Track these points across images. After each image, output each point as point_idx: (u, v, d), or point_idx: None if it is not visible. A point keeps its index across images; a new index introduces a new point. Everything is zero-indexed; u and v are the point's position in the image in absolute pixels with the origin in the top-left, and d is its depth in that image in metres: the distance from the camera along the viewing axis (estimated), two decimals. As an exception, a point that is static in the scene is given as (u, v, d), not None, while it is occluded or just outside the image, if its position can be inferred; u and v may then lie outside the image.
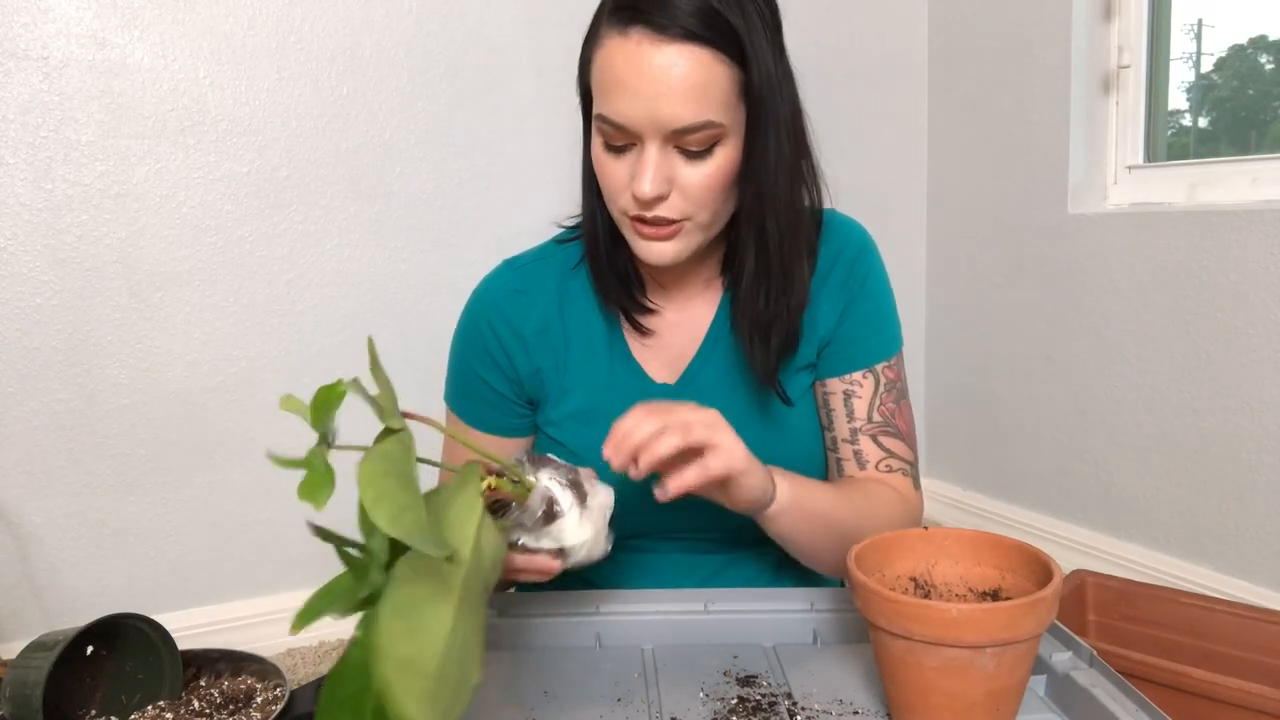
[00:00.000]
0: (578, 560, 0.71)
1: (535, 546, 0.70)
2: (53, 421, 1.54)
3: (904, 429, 0.94)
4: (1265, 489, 1.57)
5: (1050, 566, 0.64)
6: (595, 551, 0.71)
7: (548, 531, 0.69)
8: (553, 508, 0.69)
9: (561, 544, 0.69)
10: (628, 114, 0.76)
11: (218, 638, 1.57)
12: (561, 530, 0.69)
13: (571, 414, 0.94)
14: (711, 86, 0.76)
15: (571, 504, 0.70)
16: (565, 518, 0.69)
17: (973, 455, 2.20)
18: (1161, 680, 1.12)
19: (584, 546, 0.70)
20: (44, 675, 1.00)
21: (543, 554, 0.70)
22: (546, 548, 0.70)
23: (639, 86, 0.75)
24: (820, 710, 0.68)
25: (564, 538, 0.69)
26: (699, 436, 0.69)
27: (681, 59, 0.75)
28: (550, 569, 0.70)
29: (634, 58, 0.75)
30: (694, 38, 0.75)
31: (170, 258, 1.59)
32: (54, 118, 1.49)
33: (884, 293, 0.96)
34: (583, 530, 0.70)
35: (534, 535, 0.70)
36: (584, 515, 0.70)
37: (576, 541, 0.70)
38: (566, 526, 0.69)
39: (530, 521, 0.69)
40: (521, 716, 0.69)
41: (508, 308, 0.94)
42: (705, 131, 0.77)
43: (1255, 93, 1.80)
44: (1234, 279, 1.58)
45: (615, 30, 0.77)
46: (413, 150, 1.74)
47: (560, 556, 0.70)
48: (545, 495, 0.69)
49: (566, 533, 0.69)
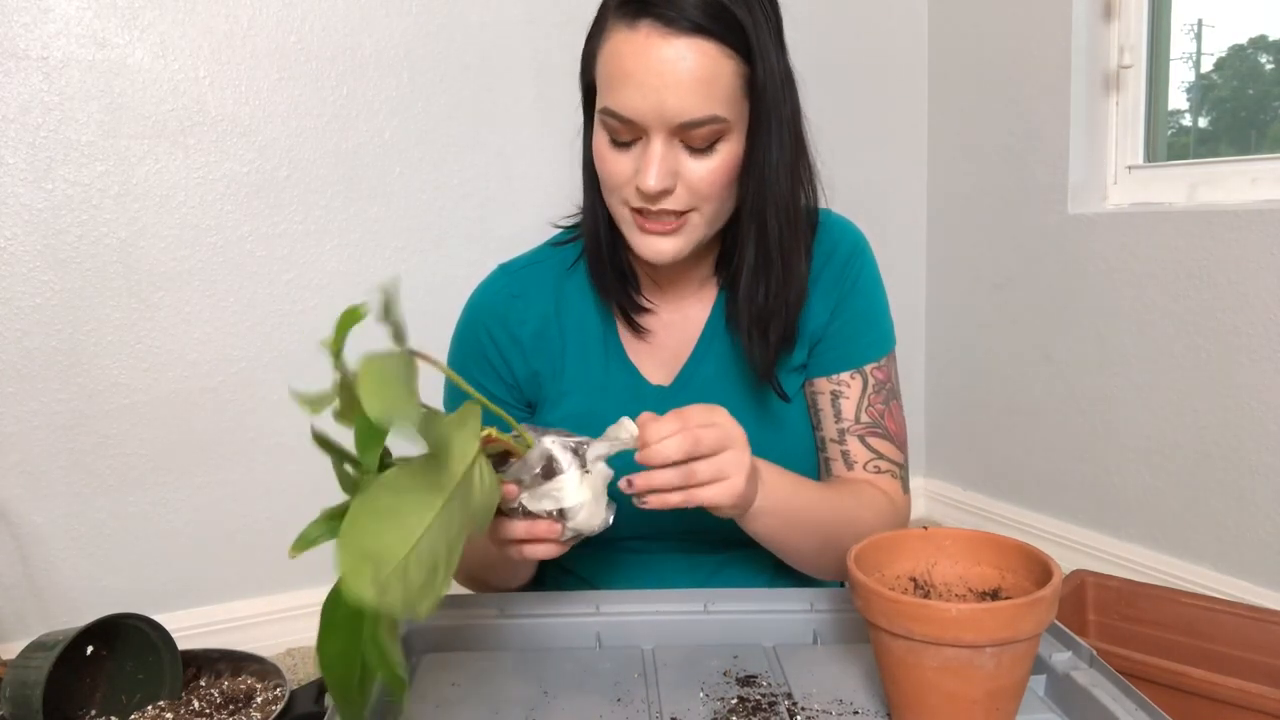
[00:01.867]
0: (578, 524, 0.70)
1: (535, 510, 0.69)
2: (53, 421, 1.54)
3: (893, 430, 0.94)
4: (1265, 489, 1.57)
5: (1050, 566, 0.64)
6: (595, 520, 0.71)
7: (547, 492, 0.69)
8: (552, 464, 0.69)
9: (561, 504, 0.69)
10: (635, 107, 0.77)
11: (218, 638, 1.57)
12: (560, 489, 0.69)
13: (568, 417, 0.94)
14: (718, 81, 0.76)
15: (571, 463, 0.70)
16: (565, 475, 0.69)
17: (973, 455, 2.21)
18: (1161, 680, 1.12)
19: (583, 508, 0.69)
20: (44, 675, 1.00)
21: (543, 520, 0.70)
22: (546, 509, 0.69)
23: (646, 79, 0.76)
24: (820, 710, 0.68)
25: (563, 497, 0.69)
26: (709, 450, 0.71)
27: (690, 52, 0.75)
28: (551, 532, 0.69)
29: (642, 51, 0.76)
30: (702, 31, 0.75)
31: (170, 258, 1.59)
32: (54, 118, 1.49)
33: (875, 293, 0.96)
34: (582, 491, 0.69)
35: (533, 496, 0.69)
36: (584, 478, 0.70)
37: (575, 502, 0.69)
38: (566, 485, 0.69)
39: (529, 476, 0.69)
40: (521, 716, 0.69)
41: (505, 312, 0.94)
42: (711, 126, 0.77)
43: (1255, 93, 1.80)
44: (1234, 279, 1.58)
45: (623, 23, 0.77)
46: (413, 150, 1.74)
47: (560, 519, 0.70)
48: (545, 452, 0.69)
49: (566, 491, 0.69)
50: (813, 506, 0.84)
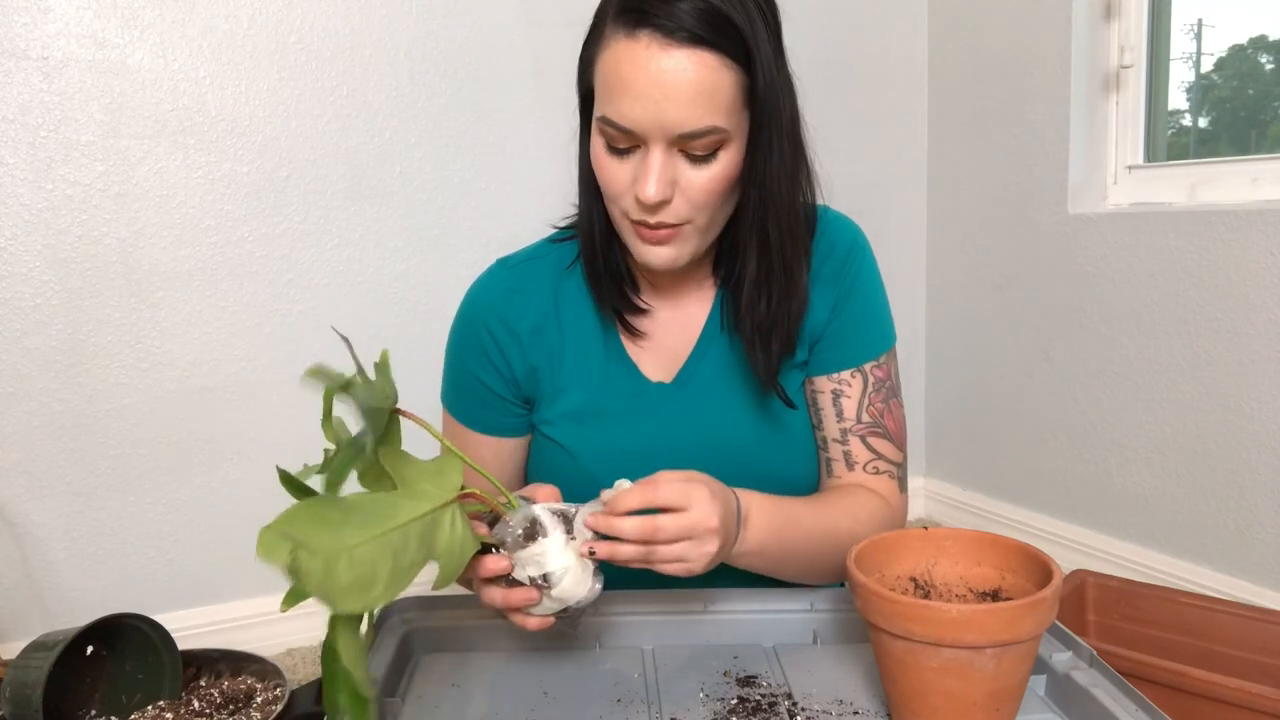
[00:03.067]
0: (562, 591, 0.68)
1: (519, 577, 0.68)
2: (53, 421, 1.54)
3: (893, 429, 0.94)
4: (1265, 489, 1.57)
5: (1050, 566, 0.64)
6: (580, 588, 0.68)
7: (531, 557, 0.67)
8: (535, 528, 0.68)
9: (544, 569, 0.67)
10: (633, 117, 0.76)
11: (218, 638, 1.57)
12: (543, 552, 0.67)
13: (567, 413, 0.94)
14: (718, 91, 0.76)
15: (556, 527, 0.68)
16: (549, 539, 0.68)
17: (973, 455, 2.21)
18: (1161, 680, 1.12)
19: (567, 574, 0.67)
20: (44, 675, 1.00)
21: (521, 589, 0.68)
22: (530, 575, 0.68)
23: (646, 90, 0.75)
24: (820, 710, 0.68)
25: (546, 561, 0.67)
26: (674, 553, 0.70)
27: (689, 63, 0.75)
28: (529, 598, 0.68)
29: (641, 61, 0.75)
30: (702, 42, 0.74)
31: (170, 258, 1.59)
32: (54, 118, 1.49)
33: (875, 290, 0.96)
34: (566, 555, 0.68)
35: (517, 562, 0.68)
36: (569, 544, 0.68)
37: (558, 566, 0.67)
38: (549, 549, 0.67)
39: (511, 538, 0.67)
40: (521, 716, 0.69)
41: (503, 307, 0.94)
42: (710, 136, 0.77)
43: (1255, 93, 1.80)
44: (1234, 279, 1.58)
45: (622, 32, 0.77)
46: (413, 150, 1.74)
47: (543, 586, 0.68)
48: (530, 515, 0.68)
49: (549, 556, 0.67)
50: (802, 535, 0.84)
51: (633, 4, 0.76)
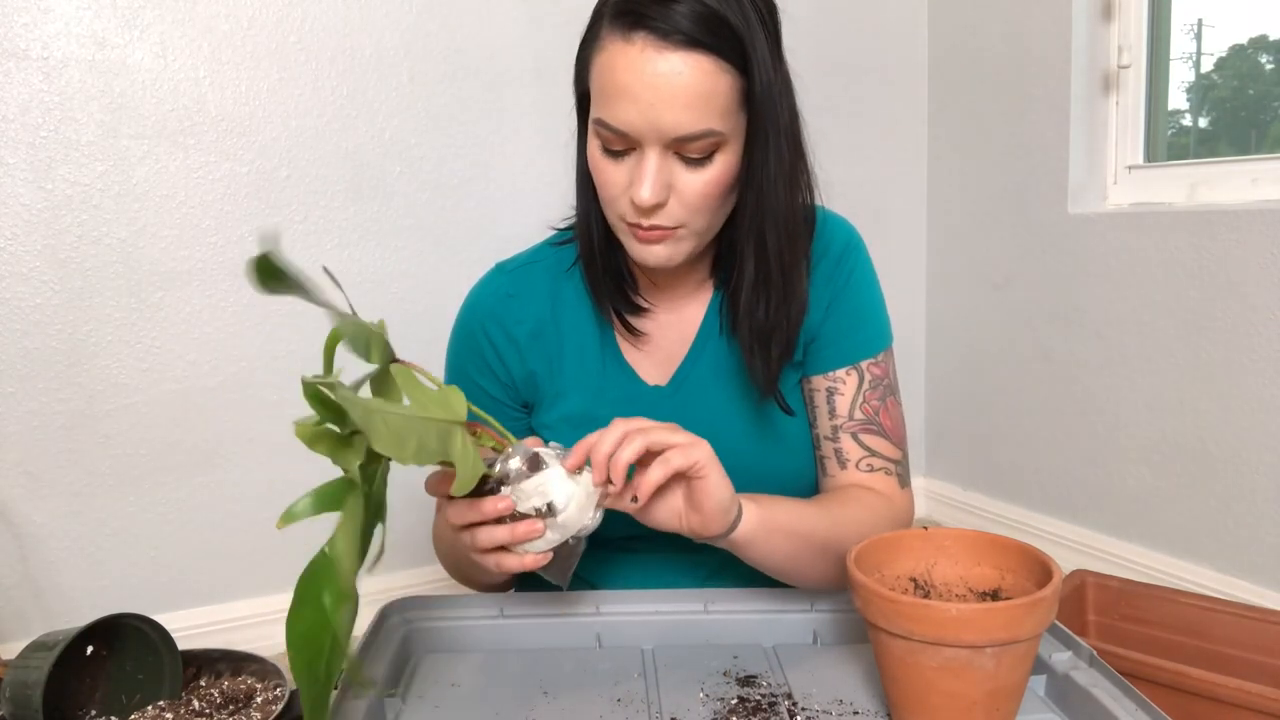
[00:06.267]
0: (566, 519, 0.68)
1: (523, 509, 0.69)
2: (53, 421, 1.54)
3: (890, 426, 0.93)
4: (1265, 489, 1.57)
5: (1050, 566, 0.64)
6: (585, 516, 0.69)
7: (535, 488, 0.68)
8: (538, 461, 0.69)
9: (549, 498, 0.68)
10: (629, 121, 0.76)
11: (218, 638, 1.58)
12: (547, 481, 0.68)
13: (565, 417, 0.94)
14: (714, 95, 0.75)
15: (555, 461, 0.69)
16: (551, 469, 0.69)
17: (973, 455, 2.21)
18: (1161, 680, 1.12)
19: (571, 501, 0.68)
20: (44, 675, 0.99)
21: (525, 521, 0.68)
22: (534, 505, 0.68)
23: (641, 93, 0.75)
24: (820, 710, 0.68)
25: (550, 490, 0.68)
26: (658, 439, 0.69)
27: (685, 66, 0.74)
28: (533, 531, 0.68)
29: (637, 64, 0.75)
30: (698, 45, 0.74)
31: (170, 258, 1.59)
32: (54, 118, 1.49)
33: (870, 289, 0.95)
34: (568, 485, 0.68)
35: (520, 494, 0.68)
36: (570, 476, 0.69)
37: (563, 494, 0.68)
38: (553, 478, 0.68)
39: (514, 470, 0.68)
40: (521, 716, 0.69)
41: (501, 312, 0.94)
42: (706, 139, 0.77)
43: (1255, 93, 1.80)
44: (1234, 279, 1.58)
45: (618, 35, 0.76)
46: (413, 150, 1.74)
47: (546, 516, 0.68)
48: (530, 451, 0.69)
49: (553, 485, 0.68)
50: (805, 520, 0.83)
51: (628, 6, 0.76)
